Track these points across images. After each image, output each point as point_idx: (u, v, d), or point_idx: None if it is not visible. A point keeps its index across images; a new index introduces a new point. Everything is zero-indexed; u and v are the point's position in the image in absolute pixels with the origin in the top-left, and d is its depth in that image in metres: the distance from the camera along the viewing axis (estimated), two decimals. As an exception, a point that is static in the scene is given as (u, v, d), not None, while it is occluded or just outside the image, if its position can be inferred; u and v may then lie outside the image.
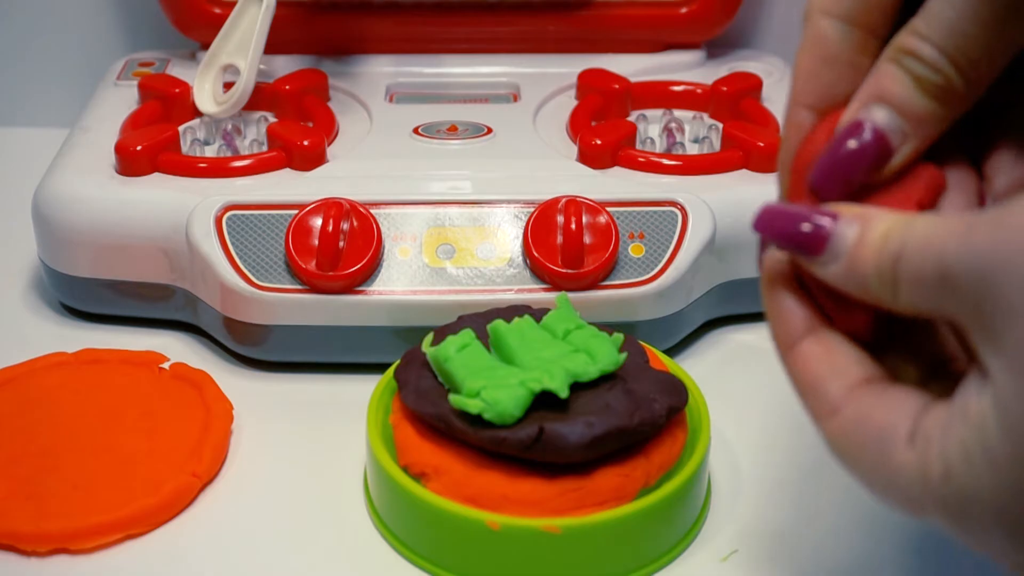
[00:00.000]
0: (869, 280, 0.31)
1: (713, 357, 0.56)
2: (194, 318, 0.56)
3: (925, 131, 0.33)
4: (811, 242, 0.33)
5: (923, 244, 0.30)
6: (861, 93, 0.34)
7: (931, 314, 0.31)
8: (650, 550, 0.44)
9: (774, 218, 0.34)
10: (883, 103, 0.33)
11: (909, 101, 0.33)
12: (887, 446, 0.31)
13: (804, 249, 0.33)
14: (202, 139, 0.61)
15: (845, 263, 0.32)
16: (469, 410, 0.42)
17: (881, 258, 0.31)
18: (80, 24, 0.76)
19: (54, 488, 0.46)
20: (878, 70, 0.33)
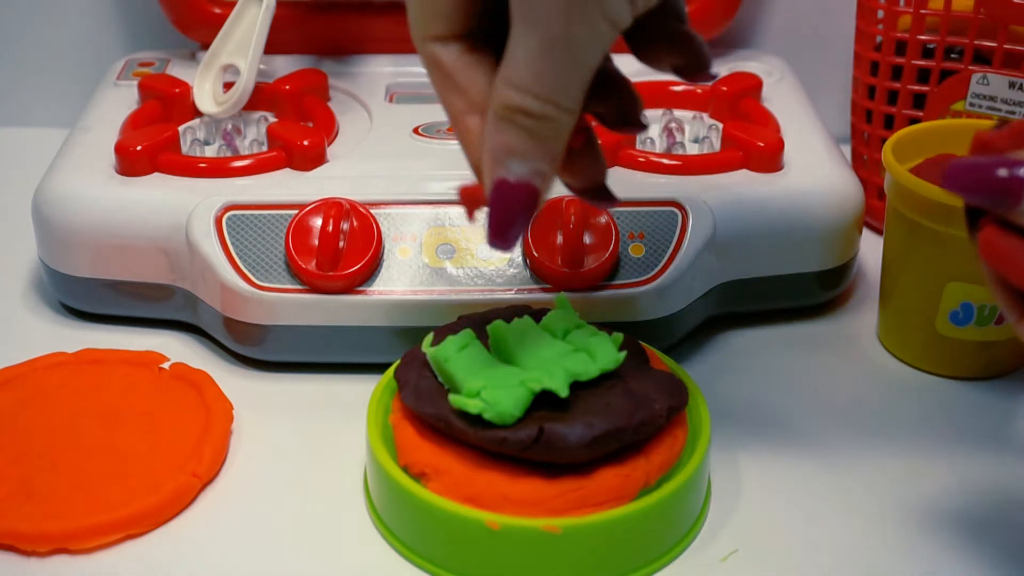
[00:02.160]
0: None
1: (713, 357, 0.56)
2: (194, 318, 0.56)
3: (557, 158, 0.38)
4: (1013, 187, 0.33)
5: None
6: (490, 149, 0.38)
7: None
8: (650, 550, 0.44)
9: (966, 171, 0.34)
10: (513, 156, 0.38)
11: (534, 149, 0.38)
12: None
13: (1006, 195, 0.33)
14: (202, 139, 0.61)
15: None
16: (469, 410, 0.42)
17: None
18: (80, 24, 0.76)
19: (54, 488, 0.46)
20: (495, 127, 0.38)
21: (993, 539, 0.45)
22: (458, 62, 0.40)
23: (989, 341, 0.53)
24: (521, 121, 0.37)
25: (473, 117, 0.40)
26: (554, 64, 0.36)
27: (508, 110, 0.37)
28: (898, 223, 0.54)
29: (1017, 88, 0.59)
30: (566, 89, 0.37)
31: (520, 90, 0.37)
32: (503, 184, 0.38)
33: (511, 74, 0.37)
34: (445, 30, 0.39)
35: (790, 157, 0.58)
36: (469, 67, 0.40)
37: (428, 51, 0.40)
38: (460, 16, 0.39)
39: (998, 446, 0.51)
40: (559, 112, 0.37)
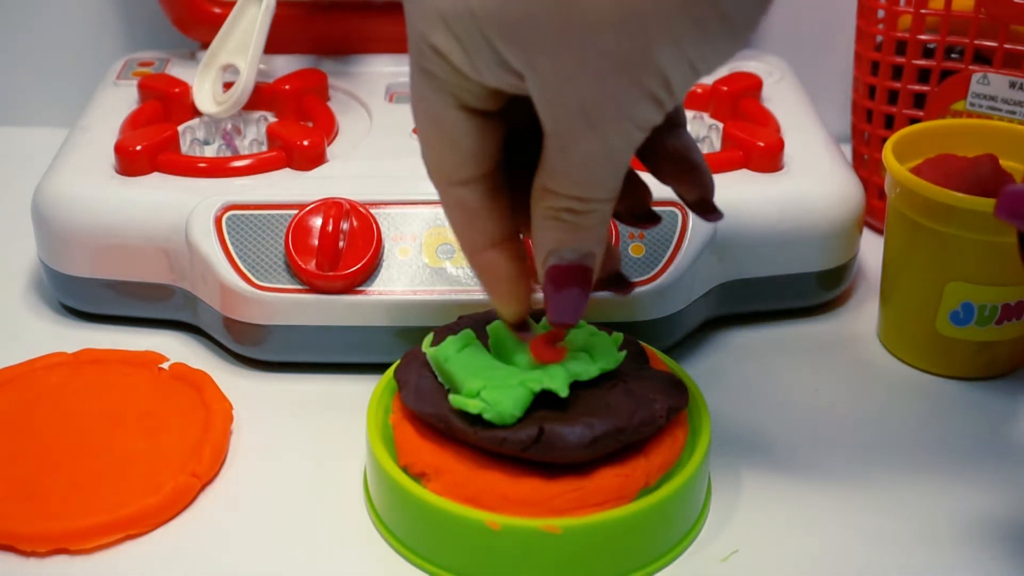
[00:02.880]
0: None
1: (713, 357, 0.56)
2: (194, 318, 0.56)
3: (604, 239, 0.40)
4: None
5: None
6: (540, 244, 0.40)
7: None
8: (650, 550, 0.44)
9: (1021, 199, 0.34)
10: (563, 247, 0.39)
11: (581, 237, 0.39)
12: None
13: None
14: (202, 139, 0.61)
15: None
16: (469, 410, 0.42)
17: None
18: (80, 24, 0.76)
19: (54, 488, 0.46)
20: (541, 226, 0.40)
21: (993, 539, 0.45)
22: (482, 202, 0.41)
23: (989, 341, 0.53)
24: (566, 218, 0.39)
25: (492, 252, 0.42)
26: (593, 173, 0.38)
27: (553, 210, 0.39)
28: (898, 223, 0.54)
29: (1018, 88, 0.59)
30: (605, 186, 0.39)
31: (562, 196, 0.38)
32: (556, 269, 0.40)
33: (551, 183, 0.38)
34: (470, 174, 0.40)
35: (790, 157, 0.58)
36: (492, 206, 0.41)
37: (453, 194, 0.41)
38: (485, 158, 0.40)
39: (998, 446, 0.50)
40: (600, 204, 0.39)
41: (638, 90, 0.35)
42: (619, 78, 0.35)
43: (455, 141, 0.40)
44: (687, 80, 0.36)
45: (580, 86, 0.35)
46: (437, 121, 0.40)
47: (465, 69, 0.37)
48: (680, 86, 0.36)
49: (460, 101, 0.39)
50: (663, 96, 0.36)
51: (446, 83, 0.38)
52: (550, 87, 0.36)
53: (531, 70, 0.36)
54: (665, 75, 0.35)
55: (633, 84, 0.35)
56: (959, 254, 0.52)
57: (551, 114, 0.37)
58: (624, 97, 0.35)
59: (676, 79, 0.35)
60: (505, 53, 0.36)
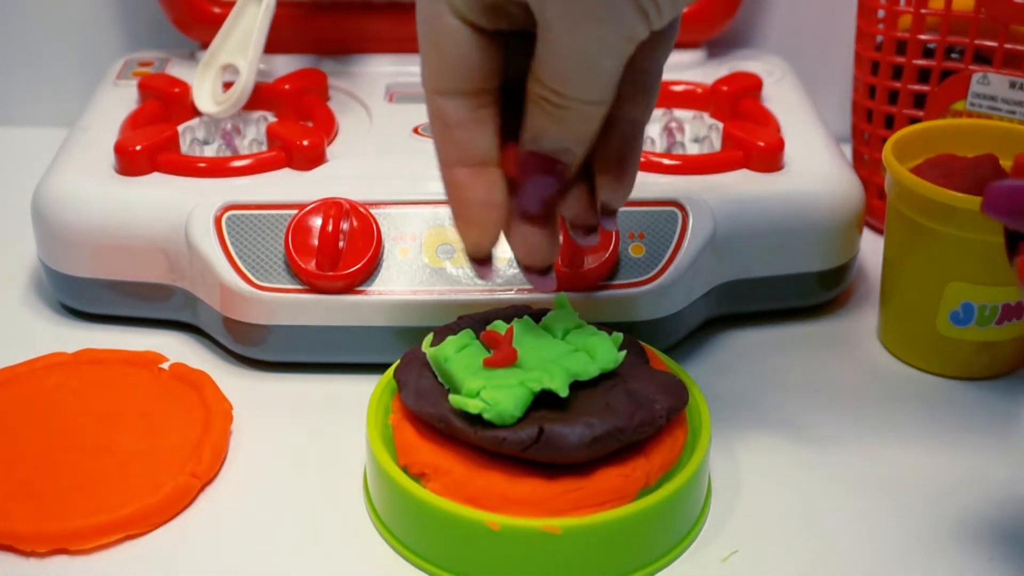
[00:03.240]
0: None
1: (713, 357, 0.56)
2: (194, 318, 0.56)
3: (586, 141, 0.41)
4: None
5: None
6: (523, 136, 0.41)
7: None
8: (650, 550, 0.44)
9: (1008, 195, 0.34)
10: (544, 135, 0.40)
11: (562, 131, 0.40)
12: None
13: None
14: (202, 139, 0.61)
15: None
16: (469, 410, 0.42)
17: None
18: (80, 24, 0.76)
19: (54, 488, 0.46)
20: (528, 111, 0.40)
21: (993, 538, 0.45)
22: (462, 118, 0.42)
23: (989, 341, 0.53)
24: (547, 108, 0.40)
25: (463, 169, 0.42)
26: (574, 70, 0.38)
27: (538, 96, 0.40)
28: (899, 223, 0.54)
29: (1018, 88, 0.59)
30: (587, 89, 0.39)
31: (544, 85, 0.39)
32: (533, 155, 0.41)
33: (538, 70, 0.39)
34: (455, 86, 0.41)
35: (790, 157, 0.58)
36: (472, 124, 0.42)
37: (434, 103, 0.42)
38: (473, 74, 0.41)
39: (998, 446, 0.50)
40: (583, 104, 0.40)
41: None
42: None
43: (444, 49, 0.41)
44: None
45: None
46: (432, 26, 0.41)
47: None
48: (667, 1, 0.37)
49: (456, 9, 0.40)
50: (650, 8, 0.36)
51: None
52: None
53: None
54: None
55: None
56: (959, 254, 0.52)
57: (539, 5, 0.37)
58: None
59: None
60: None
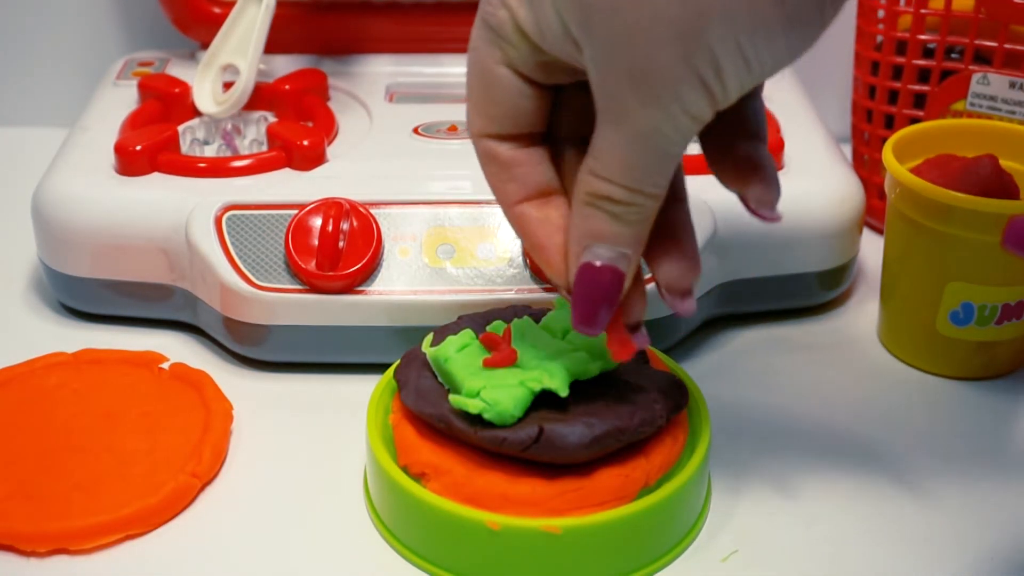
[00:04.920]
0: None
1: (713, 357, 0.56)
2: (194, 318, 0.56)
3: (642, 242, 0.39)
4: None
5: None
6: (576, 235, 0.39)
7: None
8: (650, 550, 0.44)
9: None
10: (599, 241, 0.39)
11: (619, 234, 0.38)
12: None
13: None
14: (202, 139, 0.61)
15: None
16: (469, 410, 0.42)
17: None
18: (80, 24, 0.76)
19: (54, 488, 0.46)
20: (581, 213, 0.39)
21: (993, 539, 0.45)
22: (514, 155, 0.41)
23: (989, 341, 0.53)
24: (607, 207, 0.38)
25: (529, 205, 0.41)
26: (639, 157, 0.37)
27: (594, 197, 0.38)
28: (899, 223, 0.54)
29: (1017, 88, 0.59)
30: (651, 179, 0.38)
31: (606, 180, 0.38)
32: (589, 268, 0.39)
33: (597, 165, 0.38)
34: (500, 131, 0.40)
35: (790, 157, 0.58)
36: (525, 160, 0.41)
37: (485, 146, 0.41)
38: (523, 124, 0.40)
39: (998, 446, 0.51)
40: (645, 199, 0.38)
41: (687, 67, 0.35)
42: (669, 48, 0.34)
43: (495, 98, 0.40)
44: (739, 73, 0.35)
45: (631, 52, 0.35)
46: (483, 74, 0.40)
47: (528, 28, 0.37)
48: (732, 76, 0.35)
49: (510, 61, 0.39)
50: (713, 82, 0.35)
51: (503, 39, 0.38)
52: (602, 53, 0.36)
53: (587, 34, 0.36)
54: (715, 57, 0.34)
55: (683, 59, 0.34)
56: (959, 254, 0.52)
57: (601, 84, 0.37)
58: (673, 71, 0.35)
59: (727, 66, 0.35)
60: (566, 14, 0.36)
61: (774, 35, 0.34)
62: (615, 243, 0.39)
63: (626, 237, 0.39)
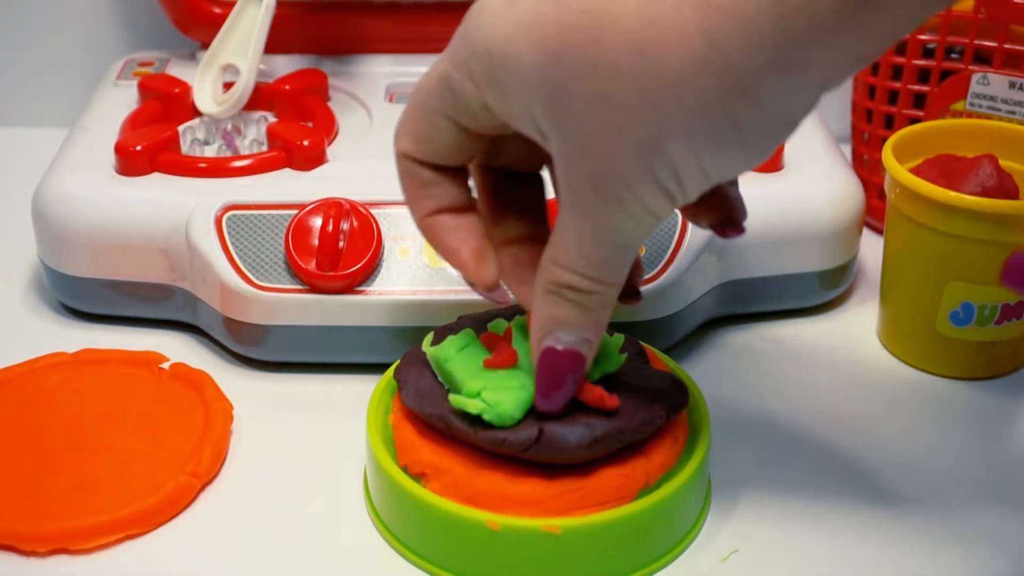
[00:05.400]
0: None
1: (713, 357, 0.56)
2: (194, 318, 0.56)
3: (602, 327, 0.40)
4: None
5: None
6: (538, 319, 0.40)
7: None
8: (650, 550, 0.44)
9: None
10: (561, 327, 0.40)
11: (581, 320, 0.40)
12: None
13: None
14: (202, 139, 0.61)
15: None
16: (469, 410, 0.42)
17: None
18: (80, 24, 0.76)
19: (54, 488, 0.46)
20: (544, 299, 0.40)
21: (992, 538, 0.45)
22: (433, 178, 0.42)
23: (989, 341, 0.53)
24: (569, 296, 0.39)
25: (444, 216, 0.42)
26: (601, 251, 0.38)
27: (557, 285, 0.39)
28: (898, 223, 0.54)
29: (1017, 88, 0.59)
30: (613, 270, 0.39)
31: (569, 270, 0.39)
32: (551, 352, 0.40)
33: (559, 255, 0.39)
34: (427, 159, 0.42)
35: (790, 157, 0.58)
36: (444, 182, 0.42)
37: (405, 164, 0.42)
38: (446, 159, 0.41)
39: (998, 446, 0.51)
40: (606, 288, 0.39)
41: (647, 175, 0.35)
42: (632, 159, 0.35)
43: (430, 137, 0.41)
44: (699, 180, 0.36)
45: (596, 157, 0.36)
46: (426, 115, 0.40)
47: (495, 108, 0.38)
48: (692, 183, 0.36)
49: (457, 120, 0.40)
50: (673, 188, 0.36)
51: (462, 106, 0.39)
52: (571, 152, 0.36)
53: (558, 133, 0.36)
54: (676, 168, 0.35)
55: (644, 168, 0.35)
56: (959, 254, 0.52)
57: (567, 180, 0.37)
58: (634, 178, 0.36)
59: (687, 176, 0.35)
60: (535, 110, 0.36)
61: (732, 155, 0.35)
62: (576, 329, 0.40)
63: (587, 323, 0.40)
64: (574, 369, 0.41)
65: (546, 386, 0.41)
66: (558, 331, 0.40)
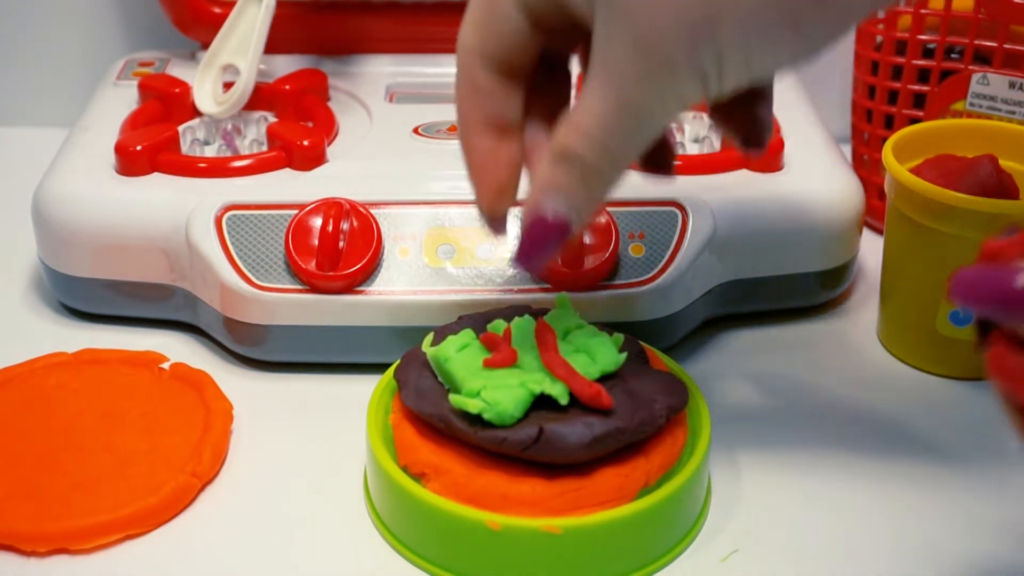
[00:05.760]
0: None
1: (713, 357, 0.56)
2: (194, 318, 0.56)
3: (596, 207, 0.40)
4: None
5: None
6: (539, 182, 0.40)
7: None
8: (650, 550, 0.44)
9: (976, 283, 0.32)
10: (558, 193, 0.39)
11: (579, 192, 0.39)
12: None
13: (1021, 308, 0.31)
14: (202, 139, 0.61)
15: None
16: (469, 410, 0.42)
17: None
18: (80, 24, 0.76)
19: (54, 488, 0.46)
20: (550, 165, 0.39)
21: (992, 538, 0.45)
22: (492, 84, 0.41)
23: (989, 341, 0.53)
24: (575, 165, 0.39)
25: (485, 136, 0.42)
26: (620, 123, 0.38)
27: (566, 152, 0.39)
28: (898, 223, 0.54)
29: (1017, 88, 0.59)
30: (626, 149, 0.38)
31: (585, 139, 0.38)
32: (541, 218, 0.40)
33: (581, 122, 0.38)
34: (491, 57, 0.41)
35: (790, 157, 0.58)
36: (500, 91, 0.41)
37: (467, 63, 0.41)
38: (508, 53, 0.41)
39: (998, 446, 0.50)
40: (612, 166, 0.39)
41: (691, 56, 0.35)
42: (680, 38, 0.35)
43: (493, 19, 0.40)
44: (738, 72, 0.36)
45: (642, 27, 0.35)
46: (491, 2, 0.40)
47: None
48: (731, 75, 0.36)
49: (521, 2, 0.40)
50: (712, 76, 0.36)
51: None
52: (616, 22, 0.36)
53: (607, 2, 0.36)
54: (721, 55, 0.35)
55: (690, 50, 0.35)
56: (959, 254, 0.52)
57: (604, 45, 0.37)
58: (677, 58, 0.35)
59: (729, 65, 0.35)
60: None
61: (780, 51, 0.35)
62: (572, 199, 0.39)
63: (584, 197, 0.39)
64: (558, 236, 0.40)
65: (528, 247, 0.40)
66: (555, 196, 0.39)
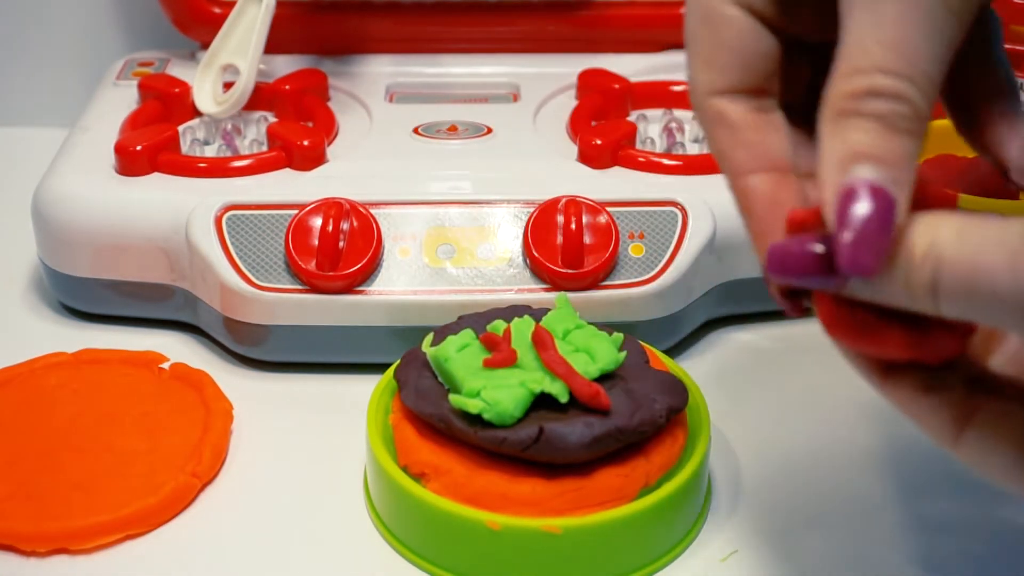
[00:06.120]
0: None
1: (713, 357, 0.56)
2: (194, 318, 0.56)
3: (914, 161, 0.31)
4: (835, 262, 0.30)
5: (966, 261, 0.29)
6: (830, 163, 0.31)
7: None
8: (650, 550, 0.44)
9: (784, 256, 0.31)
10: (863, 161, 0.30)
11: (886, 148, 0.31)
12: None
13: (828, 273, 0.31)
14: (202, 139, 0.61)
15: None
16: (469, 410, 0.42)
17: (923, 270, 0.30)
18: (80, 24, 0.76)
19: (54, 488, 0.46)
20: (836, 132, 0.31)
21: (992, 538, 0.45)
22: (746, 118, 0.36)
23: (989, 341, 0.53)
24: (871, 108, 0.31)
25: (758, 176, 0.35)
26: (907, 30, 0.31)
27: (853, 99, 0.31)
28: (898, 223, 0.54)
29: (1017, 88, 0.59)
30: (924, 61, 0.31)
31: (867, 72, 0.31)
32: (852, 192, 0.30)
33: (854, 58, 0.31)
34: (732, 84, 0.36)
35: (790, 157, 0.58)
36: (757, 124, 0.36)
37: (711, 105, 0.36)
38: (756, 74, 0.36)
39: (998, 446, 0.50)
40: (916, 89, 0.31)
41: None
42: None
43: (722, 41, 0.36)
44: None
45: None
46: (708, 17, 0.36)
47: None
48: None
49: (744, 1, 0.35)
50: None
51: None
52: None
53: None
54: None
55: None
56: (959, 254, 0.51)
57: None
58: None
59: None
60: None
61: None
62: (883, 162, 0.30)
63: (895, 152, 0.31)
64: (885, 212, 0.30)
65: (858, 244, 0.30)
66: (857, 167, 0.30)
